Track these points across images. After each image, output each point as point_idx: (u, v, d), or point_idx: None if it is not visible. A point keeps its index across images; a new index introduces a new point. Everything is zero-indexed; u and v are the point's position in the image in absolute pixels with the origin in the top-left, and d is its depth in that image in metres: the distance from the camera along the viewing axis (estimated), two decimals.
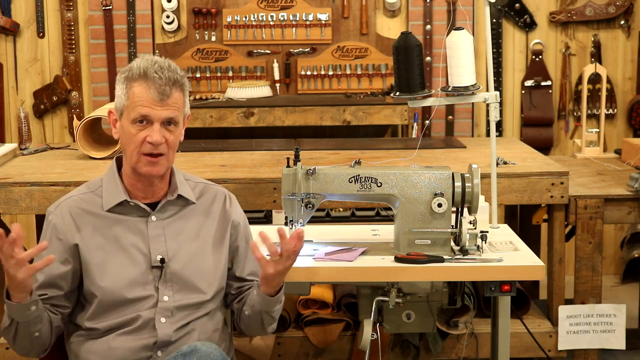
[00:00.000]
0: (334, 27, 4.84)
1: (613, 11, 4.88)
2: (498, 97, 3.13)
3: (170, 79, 2.32)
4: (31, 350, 2.35)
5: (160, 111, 2.31)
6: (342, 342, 3.60)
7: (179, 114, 2.35)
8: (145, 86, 2.31)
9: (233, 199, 2.55)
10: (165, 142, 2.33)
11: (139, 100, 2.31)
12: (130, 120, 2.33)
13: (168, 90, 2.31)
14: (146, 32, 4.77)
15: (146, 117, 2.31)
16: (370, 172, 2.76)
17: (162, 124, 2.32)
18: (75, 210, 2.39)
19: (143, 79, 2.31)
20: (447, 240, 2.77)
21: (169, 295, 2.36)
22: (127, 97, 2.33)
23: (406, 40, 3.03)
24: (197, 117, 4.50)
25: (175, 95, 2.33)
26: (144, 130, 2.32)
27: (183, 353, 2.22)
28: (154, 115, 2.31)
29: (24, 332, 2.27)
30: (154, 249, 2.38)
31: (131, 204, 2.39)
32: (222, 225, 2.48)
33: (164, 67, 2.33)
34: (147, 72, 2.31)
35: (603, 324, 3.62)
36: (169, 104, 2.32)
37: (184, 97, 2.37)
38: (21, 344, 2.31)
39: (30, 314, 2.24)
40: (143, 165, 2.34)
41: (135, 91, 2.32)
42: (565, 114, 4.96)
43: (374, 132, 4.90)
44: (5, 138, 4.87)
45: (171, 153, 2.37)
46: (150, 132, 2.32)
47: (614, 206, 3.61)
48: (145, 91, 2.31)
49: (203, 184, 2.53)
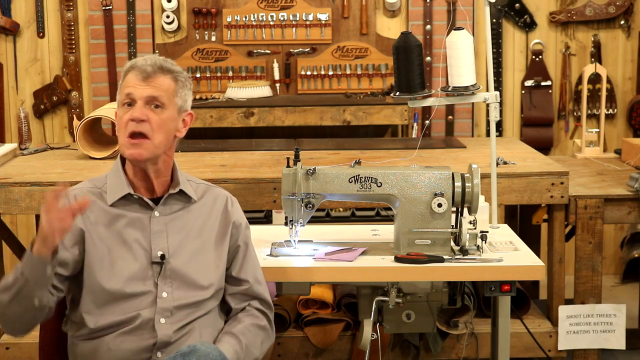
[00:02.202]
0: (334, 27, 4.84)
1: (613, 11, 4.88)
2: (498, 97, 3.13)
3: (157, 64, 2.38)
4: (20, 319, 2.28)
5: (142, 89, 2.35)
6: (342, 342, 3.60)
7: (164, 95, 2.36)
8: (134, 72, 2.38)
9: (235, 201, 2.55)
10: (149, 123, 2.34)
11: (126, 84, 2.37)
12: (120, 104, 2.38)
13: (150, 70, 2.36)
14: (146, 32, 4.77)
15: (130, 95, 2.35)
16: (370, 172, 2.76)
17: (146, 104, 2.35)
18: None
19: (134, 68, 2.38)
20: (447, 240, 2.77)
21: (167, 292, 2.36)
22: (120, 87, 2.40)
23: (406, 40, 3.03)
24: (197, 117, 4.49)
25: (160, 78, 2.37)
26: (129, 111, 2.36)
27: (182, 353, 2.22)
28: (137, 93, 2.35)
29: (26, 294, 2.22)
30: (155, 245, 2.38)
31: (135, 197, 2.40)
32: (224, 225, 2.48)
33: (156, 58, 2.40)
34: (137, 62, 2.39)
35: (603, 324, 3.62)
36: (152, 85, 2.36)
37: (175, 85, 2.39)
38: (16, 308, 2.24)
39: (43, 273, 2.20)
40: (126, 149, 2.36)
41: (126, 79, 2.38)
42: (565, 114, 4.96)
43: (374, 132, 4.90)
44: (5, 138, 4.87)
45: (156, 136, 2.36)
46: (133, 110, 2.35)
47: (614, 206, 3.61)
48: (132, 76, 2.37)
49: (205, 185, 2.53)
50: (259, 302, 2.50)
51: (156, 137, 2.36)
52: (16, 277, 2.22)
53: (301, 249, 2.83)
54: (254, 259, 2.53)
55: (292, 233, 2.81)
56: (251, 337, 2.43)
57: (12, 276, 2.23)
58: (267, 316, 2.51)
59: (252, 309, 2.48)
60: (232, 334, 2.41)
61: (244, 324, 2.44)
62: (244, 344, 2.40)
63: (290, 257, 2.80)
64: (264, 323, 2.49)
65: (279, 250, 2.82)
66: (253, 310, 2.48)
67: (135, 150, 2.35)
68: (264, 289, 2.51)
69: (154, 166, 2.40)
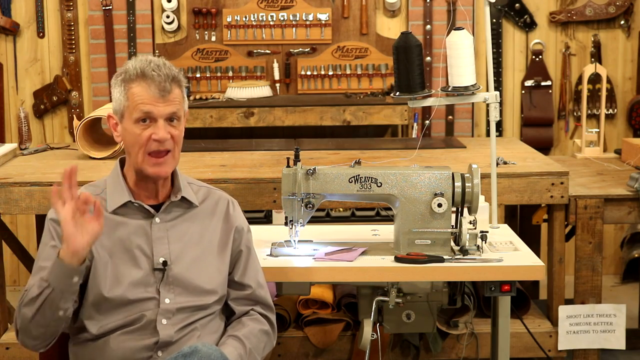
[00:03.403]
0: (334, 27, 4.84)
1: (613, 11, 4.87)
2: (498, 97, 3.13)
3: (169, 76, 2.32)
4: (44, 332, 2.25)
5: (162, 107, 2.31)
6: (342, 342, 3.60)
7: (180, 109, 2.36)
8: (145, 85, 2.31)
9: (236, 204, 2.54)
10: (171, 138, 2.34)
11: (140, 99, 2.30)
12: (133, 120, 2.32)
13: (168, 87, 2.31)
14: (146, 32, 4.77)
15: (149, 114, 2.31)
16: (370, 172, 2.76)
17: (165, 120, 2.33)
18: None
19: (141, 78, 2.31)
20: (447, 240, 2.77)
21: (170, 298, 2.35)
22: (127, 98, 2.32)
23: (406, 40, 3.03)
24: (197, 117, 4.50)
25: (175, 90, 2.33)
26: (148, 128, 2.32)
27: (184, 354, 2.22)
28: (157, 112, 2.31)
29: (53, 305, 2.19)
30: (157, 251, 2.37)
31: (135, 205, 2.39)
32: (226, 230, 2.47)
33: (160, 64, 2.33)
34: (144, 72, 2.31)
35: (603, 324, 3.62)
36: (170, 100, 2.32)
37: (182, 93, 2.38)
38: (40, 320, 2.22)
39: (70, 283, 2.18)
40: (149, 167, 2.33)
41: (135, 91, 2.31)
42: (565, 114, 4.96)
43: (374, 132, 4.90)
44: (5, 138, 4.87)
45: (177, 149, 2.37)
46: (155, 129, 2.31)
47: (614, 206, 3.61)
48: (146, 90, 2.30)
49: (206, 189, 2.52)
50: (262, 307, 2.49)
51: (177, 150, 2.37)
52: (42, 288, 2.19)
53: (301, 249, 2.83)
54: (257, 263, 2.52)
55: (292, 233, 2.81)
56: (255, 342, 2.42)
57: (37, 288, 2.20)
58: (270, 320, 2.50)
59: (255, 314, 2.47)
60: (237, 338, 2.39)
61: (249, 329, 2.43)
62: (248, 348, 2.39)
63: (290, 257, 2.80)
64: (267, 328, 2.48)
65: (279, 250, 2.82)
66: (257, 315, 2.47)
67: (160, 169, 2.34)
68: (265, 292, 2.51)
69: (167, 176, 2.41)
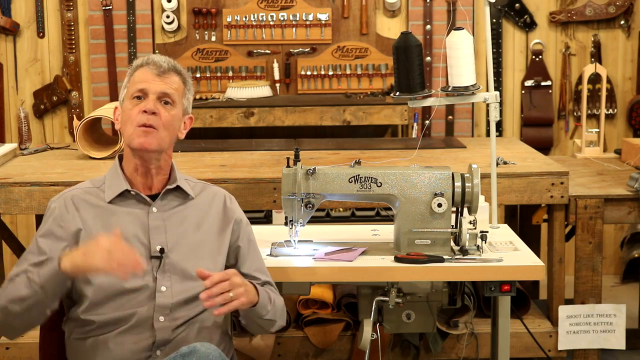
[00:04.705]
0: (334, 27, 4.84)
1: (613, 11, 4.88)
2: (498, 97, 3.13)
3: (170, 63, 2.44)
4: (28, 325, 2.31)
5: (156, 84, 2.40)
6: (342, 342, 3.60)
7: (175, 94, 2.42)
8: (146, 68, 2.42)
9: (233, 199, 2.58)
10: (159, 117, 2.38)
11: (138, 79, 2.42)
12: (129, 98, 2.41)
13: (166, 67, 2.42)
14: (146, 32, 4.77)
15: (143, 90, 2.39)
16: (370, 172, 2.76)
17: (157, 99, 2.39)
18: (78, 200, 2.43)
19: (146, 65, 2.43)
20: (447, 240, 2.77)
21: (166, 286, 2.37)
22: (129, 81, 2.44)
23: (406, 40, 3.03)
24: (197, 117, 4.49)
25: (173, 77, 2.43)
26: (140, 104, 2.39)
27: (182, 354, 2.22)
28: (150, 87, 2.39)
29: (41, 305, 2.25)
30: (154, 240, 2.40)
31: (132, 194, 2.42)
32: (224, 221, 2.51)
33: (169, 59, 2.46)
34: (149, 58, 2.44)
35: (603, 324, 3.62)
36: (166, 81, 2.41)
37: (183, 87, 2.46)
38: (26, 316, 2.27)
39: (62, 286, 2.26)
40: (136, 137, 2.38)
41: (136, 74, 2.43)
42: (565, 114, 4.96)
43: (374, 132, 4.90)
44: (5, 138, 4.87)
45: (164, 132, 2.40)
46: (146, 103, 2.39)
47: (614, 206, 3.61)
48: (145, 72, 2.42)
49: (202, 184, 2.57)
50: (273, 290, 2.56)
51: (164, 133, 2.40)
52: (34, 290, 2.23)
53: (301, 249, 2.83)
54: (259, 253, 2.59)
55: (292, 233, 2.81)
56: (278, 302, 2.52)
57: (28, 290, 2.24)
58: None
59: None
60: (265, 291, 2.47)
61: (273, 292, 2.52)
62: (273, 300, 2.48)
63: (290, 257, 2.80)
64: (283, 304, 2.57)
65: (279, 250, 2.82)
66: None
67: (145, 139, 2.37)
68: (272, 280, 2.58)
69: (157, 162, 2.43)
